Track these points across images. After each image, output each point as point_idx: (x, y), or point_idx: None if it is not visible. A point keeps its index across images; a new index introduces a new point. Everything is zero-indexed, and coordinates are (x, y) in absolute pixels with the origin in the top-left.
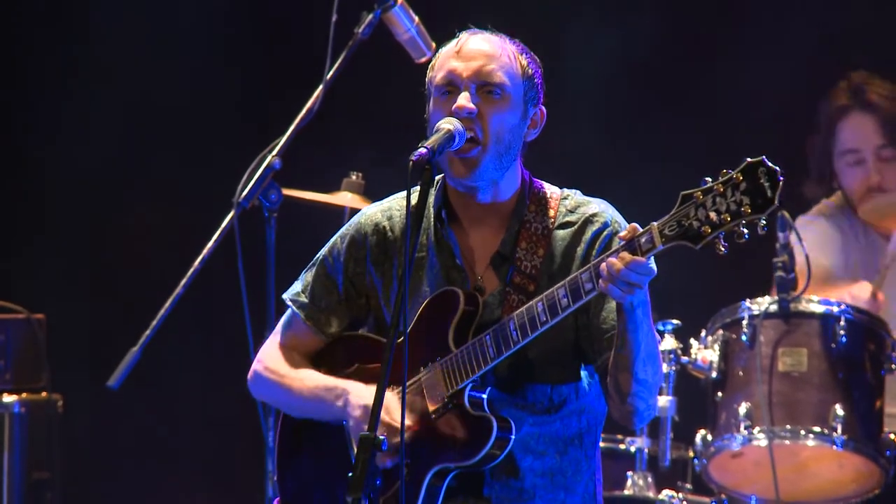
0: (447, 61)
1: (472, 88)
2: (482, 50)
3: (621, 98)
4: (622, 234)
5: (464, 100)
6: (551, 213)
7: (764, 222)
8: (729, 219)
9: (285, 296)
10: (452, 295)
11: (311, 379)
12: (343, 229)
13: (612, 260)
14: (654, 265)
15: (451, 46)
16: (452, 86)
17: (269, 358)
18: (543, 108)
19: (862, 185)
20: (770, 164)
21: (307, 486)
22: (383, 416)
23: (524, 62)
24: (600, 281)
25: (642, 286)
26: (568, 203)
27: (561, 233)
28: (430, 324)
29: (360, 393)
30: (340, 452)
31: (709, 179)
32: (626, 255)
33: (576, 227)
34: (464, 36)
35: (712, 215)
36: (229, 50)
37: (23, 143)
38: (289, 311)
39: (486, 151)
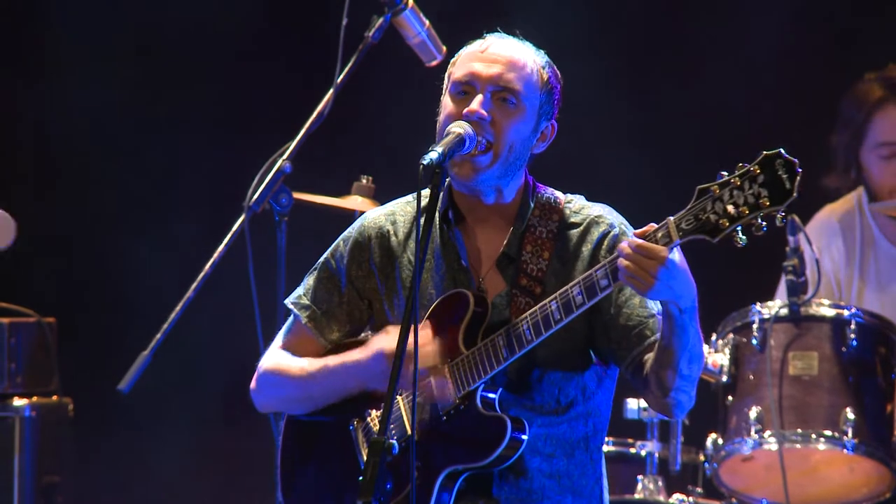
0: (469, 60)
1: (488, 93)
2: (506, 56)
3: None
4: (638, 231)
5: (476, 104)
6: (555, 216)
7: (782, 214)
8: (747, 211)
9: (287, 300)
10: (462, 297)
11: (311, 363)
12: (346, 232)
13: (623, 245)
14: (676, 255)
15: (476, 46)
16: (469, 86)
17: (269, 361)
18: (555, 123)
19: (893, 178)
20: (787, 155)
21: (312, 493)
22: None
23: (545, 75)
24: (620, 268)
25: (655, 276)
26: (572, 206)
27: (566, 234)
28: (440, 326)
29: (365, 350)
30: (345, 459)
31: (724, 173)
32: (636, 240)
33: (581, 228)
34: (491, 38)
35: (730, 208)
36: (240, 53)
37: (33, 144)
38: (291, 317)
39: (496, 158)
